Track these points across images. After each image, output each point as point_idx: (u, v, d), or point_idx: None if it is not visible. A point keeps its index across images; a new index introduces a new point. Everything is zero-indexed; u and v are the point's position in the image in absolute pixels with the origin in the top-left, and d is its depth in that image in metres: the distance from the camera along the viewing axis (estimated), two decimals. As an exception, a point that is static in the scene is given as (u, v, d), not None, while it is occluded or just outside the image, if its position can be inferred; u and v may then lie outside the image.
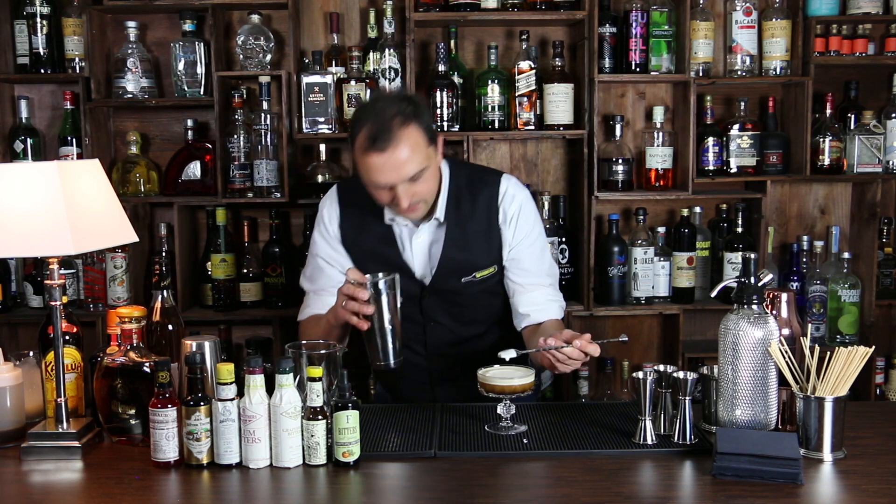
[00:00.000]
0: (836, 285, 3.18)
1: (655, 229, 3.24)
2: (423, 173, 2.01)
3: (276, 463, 1.71)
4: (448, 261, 2.16)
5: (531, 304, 2.19)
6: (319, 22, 3.28)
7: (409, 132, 1.97)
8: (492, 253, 2.19)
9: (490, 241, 2.19)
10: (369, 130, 1.97)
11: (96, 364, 1.88)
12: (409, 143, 1.97)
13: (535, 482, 1.64)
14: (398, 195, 2.00)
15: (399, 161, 1.96)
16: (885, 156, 3.19)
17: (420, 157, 1.99)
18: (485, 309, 2.26)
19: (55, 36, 3.14)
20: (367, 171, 2.00)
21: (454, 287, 2.19)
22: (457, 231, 2.16)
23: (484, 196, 2.18)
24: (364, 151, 1.98)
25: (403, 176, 1.98)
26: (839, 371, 1.72)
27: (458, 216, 2.17)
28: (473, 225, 2.17)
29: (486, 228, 2.18)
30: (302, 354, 1.82)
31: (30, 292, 3.20)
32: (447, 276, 2.17)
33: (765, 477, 1.61)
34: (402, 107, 2.00)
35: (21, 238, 1.72)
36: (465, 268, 2.18)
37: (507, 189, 2.20)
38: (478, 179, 2.22)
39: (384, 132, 1.95)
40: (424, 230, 2.17)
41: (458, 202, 2.17)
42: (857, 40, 3.19)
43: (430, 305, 2.20)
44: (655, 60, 3.15)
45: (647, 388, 1.78)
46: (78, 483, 1.71)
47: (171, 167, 3.21)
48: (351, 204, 2.22)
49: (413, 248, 2.18)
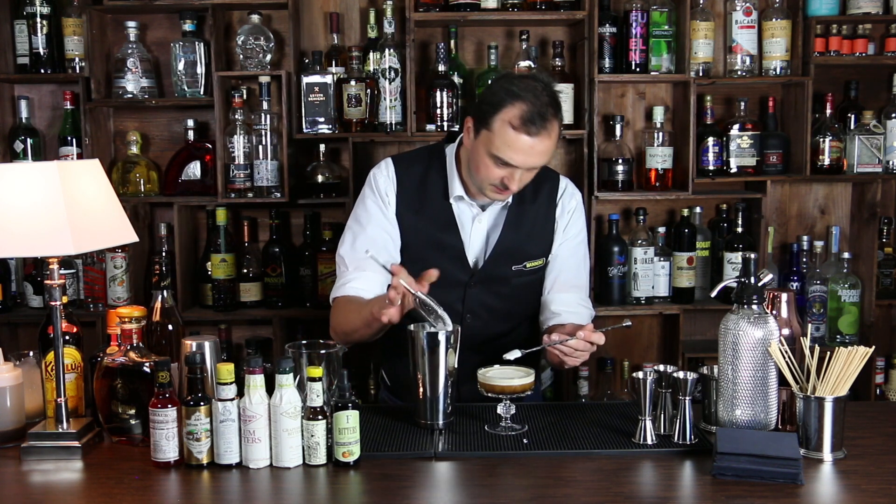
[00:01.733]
0: (836, 285, 3.18)
1: (655, 229, 3.24)
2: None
3: (276, 463, 1.71)
4: (504, 244, 2.15)
5: (563, 304, 2.18)
6: (319, 22, 3.28)
7: (556, 125, 1.99)
8: (545, 243, 2.20)
9: (545, 231, 2.20)
10: (525, 109, 1.94)
11: (96, 364, 1.88)
12: (554, 135, 1.99)
13: (535, 482, 1.64)
14: (515, 178, 2.01)
15: (542, 149, 1.98)
16: (885, 156, 3.19)
17: (552, 150, 2.02)
18: (523, 305, 2.24)
19: (55, 36, 3.14)
20: (505, 147, 1.96)
21: (503, 275, 2.16)
22: (517, 216, 2.17)
23: (546, 188, 2.21)
24: (513, 128, 1.95)
25: (538, 163, 2.01)
26: (839, 371, 1.72)
27: (520, 202, 2.18)
28: (533, 213, 2.19)
29: (544, 218, 2.20)
30: (302, 354, 1.82)
31: (30, 292, 3.20)
32: (500, 262, 2.16)
33: (765, 477, 1.61)
34: (553, 95, 1.99)
35: (21, 238, 1.72)
36: (518, 254, 2.17)
37: (567, 186, 2.25)
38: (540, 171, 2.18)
39: (541, 118, 1.94)
40: (487, 214, 2.17)
41: (523, 189, 2.14)
42: (857, 40, 3.19)
43: (473, 295, 2.16)
44: (655, 60, 3.15)
45: (647, 388, 1.78)
46: (78, 483, 1.71)
47: (171, 167, 3.21)
48: (409, 179, 2.18)
49: (472, 232, 2.16)
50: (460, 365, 2.12)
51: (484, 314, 2.18)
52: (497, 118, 1.97)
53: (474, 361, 2.10)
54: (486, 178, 2.04)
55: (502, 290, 2.18)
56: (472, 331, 2.16)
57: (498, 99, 1.98)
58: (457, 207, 2.16)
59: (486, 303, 2.18)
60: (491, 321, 2.19)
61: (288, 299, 3.21)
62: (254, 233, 3.27)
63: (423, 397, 1.87)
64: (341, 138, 3.15)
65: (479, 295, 2.17)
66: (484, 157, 2.01)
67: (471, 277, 2.16)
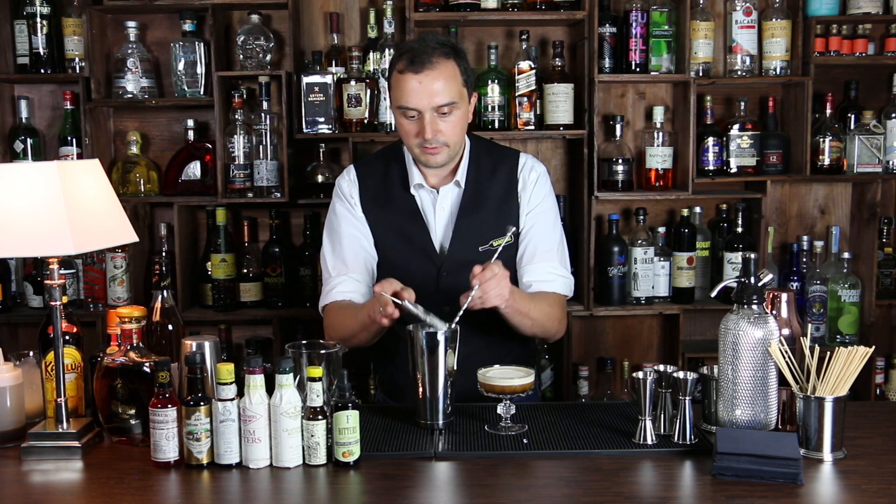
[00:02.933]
0: (836, 285, 3.18)
1: (655, 229, 3.24)
2: (454, 111, 2.06)
3: (276, 463, 1.71)
4: (464, 226, 2.16)
5: (534, 274, 2.19)
6: (319, 22, 3.28)
7: (448, 64, 2.05)
8: (509, 220, 2.18)
9: (508, 207, 2.19)
10: (409, 54, 2.05)
11: (96, 364, 1.88)
12: (445, 72, 2.04)
13: (535, 482, 1.64)
14: (424, 124, 2.04)
15: (432, 86, 2.02)
16: (885, 156, 3.19)
17: (453, 90, 2.05)
18: None
19: (55, 36, 3.14)
20: (400, 93, 2.05)
21: (471, 258, 2.12)
22: (475, 196, 2.18)
23: (505, 166, 2.22)
24: (400, 73, 2.05)
25: (434, 102, 2.03)
26: (839, 371, 1.72)
27: (477, 181, 2.19)
28: (492, 191, 2.19)
29: (505, 195, 2.20)
30: (302, 354, 1.82)
31: (30, 292, 3.20)
32: (464, 245, 2.16)
33: (765, 477, 1.61)
34: (446, 43, 2.09)
35: (21, 238, 1.72)
36: (481, 235, 2.16)
37: (527, 161, 2.26)
38: (498, 151, 2.28)
39: (423, 55, 2.03)
40: (447, 196, 2.18)
41: (478, 169, 2.19)
42: (857, 40, 3.19)
43: (448, 284, 2.14)
44: (655, 60, 3.15)
45: (647, 388, 1.78)
46: (78, 483, 1.71)
47: (171, 167, 3.21)
48: (370, 178, 2.24)
49: (436, 217, 2.18)
50: None
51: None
52: (392, 74, 2.09)
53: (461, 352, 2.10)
54: (408, 140, 2.11)
55: None
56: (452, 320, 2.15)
57: (392, 60, 2.11)
58: (418, 196, 2.20)
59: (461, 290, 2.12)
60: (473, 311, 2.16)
61: (288, 299, 3.21)
62: (254, 233, 3.28)
63: (422, 397, 1.88)
64: (341, 138, 3.15)
65: (452, 284, 2.13)
66: (397, 118, 2.10)
67: (441, 265, 2.17)
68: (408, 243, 2.17)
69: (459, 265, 2.13)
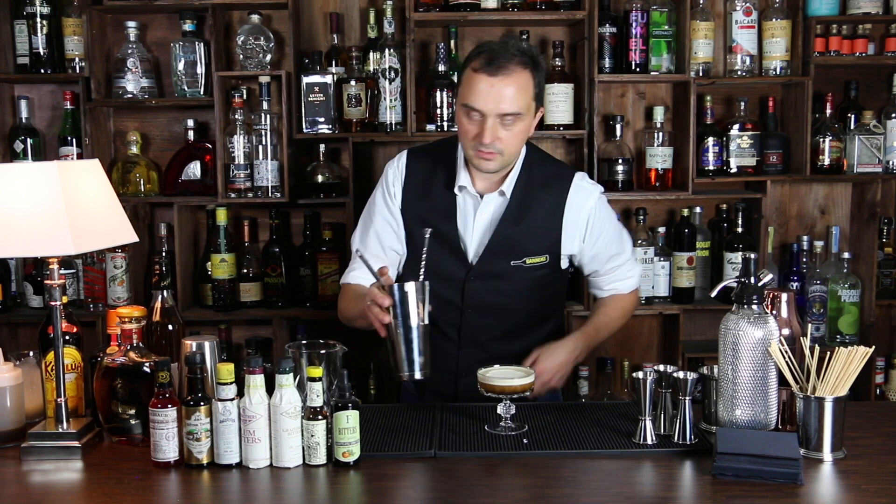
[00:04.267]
0: (836, 285, 3.18)
1: (655, 229, 3.24)
2: (517, 121, 2.02)
3: (276, 463, 1.71)
4: (502, 237, 2.14)
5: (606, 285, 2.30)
6: (319, 22, 3.28)
7: (523, 74, 2.00)
8: (549, 240, 2.17)
9: (549, 229, 2.17)
10: (489, 54, 1.99)
11: (96, 364, 1.88)
12: (519, 81, 1.99)
13: (535, 482, 1.64)
14: (485, 128, 2.00)
15: (502, 92, 1.98)
16: (885, 156, 3.19)
17: (522, 101, 2.01)
18: (529, 305, 2.21)
19: (55, 36, 3.14)
20: (469, 91, 2.01)
21: (502, 270, 2.14)
22: (518, 209, 2.14)
23: (556, 182, 2.18)
24: (474, 71, 2.00)
25: (501, 108, 1.99)
26: (839, 371, 1.72)
27: (523, 195, 2.15)
28: (537, 208, 2.16)
29: (549, 214, 2.16)
30: (302, 354, 1.82)
31: (30, 292, 3.20)
32: (497, 255, 2.14)
33: (765, 477, 1.61)
34: (527, 52, 2.03)
35: (21, 238, 1.72)
36: (517, 249, 2.15)
37: (581, 182, 2.20)
38: (552, 166, 2.23)
39: (502, 58, 1.98)
40: (490, 203, 2.15)
41: (529, 182, 2.15)
42: (857, 40, 3.19)
43: (474, 288, 2.15)
44: (655, 60, 3.15)
45: (647, 388, 1.78)
46: (78, 483, 1.71)
47: (171, 167, 3.21)
48: (419, 170, 2.21)
49: (475, 223, 2.15)
50: (461, 359, 2.13)
51: (486, 310, 2.17)
52: (466, 70, 2.04)
53: (476, 357, 2.12)
54: (464, 139, 2.07)
55: (501, 285, 2.16)
56: (473, 326, 2.17)
57: (470, 55, 2.06)
58: (461, 198, 2.16)
59: (485, 298, 2.17)
60: (495, 319, 2.19)
61: (288, 299, 3.21)
62: (254, 233, 3.27)
63: (396, 349, 1.88)
64: (341, 138, 3.15)
65: (479, 289, 2.16)
66: (459, 115, 2.06)
67: (468, 271, 2.16)
68: (439, 243, 2.12)
69: (488, 274, 2.15)
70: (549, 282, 2.22)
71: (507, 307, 2.19)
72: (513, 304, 2.19)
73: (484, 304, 2.17)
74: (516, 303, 2.20)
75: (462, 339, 2.19)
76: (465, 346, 2.19)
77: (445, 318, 2.15)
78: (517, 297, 2.19)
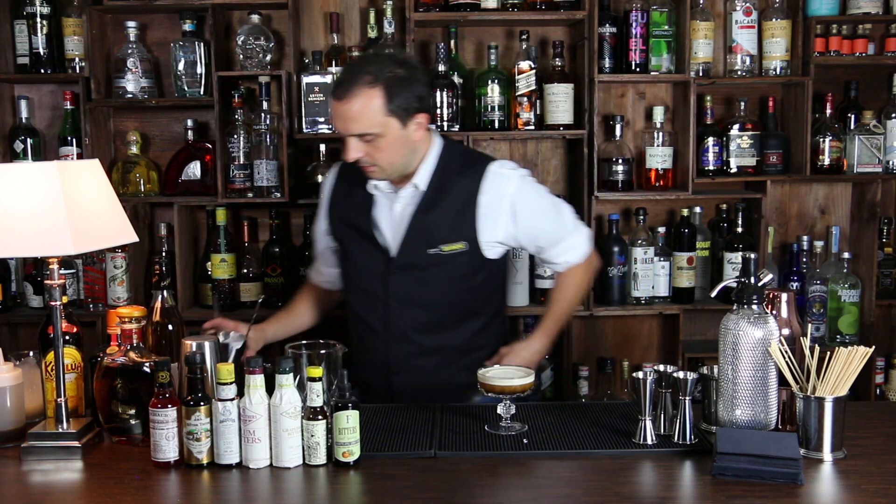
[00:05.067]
0: (836, 285, 3.18)
1: (655, 229, 3.24)
2: (376, 138, 2.07)
3: (276, 463, 1.71)
4: (416, 227, 2.16)
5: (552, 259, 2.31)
6: (319, 22, 3.28)
7: (370, 95, 2.03)
8: (462, 228, 2.17)
9: (463, 216, 2.17)
10: (338, 79, 2.10)
11: (96, 364, 1.88)
12: (362, 103, 2.04)
13: (535, 482, 1.64)
14: (349, 146, 2.09)
15: (347, 114, 2.05)
16: (885, 156, 3.19)
17: (370, 120, 2.04)
18: (452, 295, 2.21)
19: (55, 36, 3.14)
20: (332, 114, 2.12)
21: (420, 260, 2.16)
22: (431, 198, 2.17)
23: (469, 171, 2.20)
24: (331, 95, 2.10)
25: (350, 129, 2.06)
26: (839, 371, 1.72)
27: (438, 185, 2.18)
28: (450, 197, 2.18)
29: (462, 204, 2.17)
30: (302, 354, 1.82)
31: (30, 292, 3.20)
32: (414, 245, 2.16)
33: (765, 477, 1.61)
34: (385, 70, 2.04)
35: (21, 238, 1.72)
36: (432, 237, 2.16)
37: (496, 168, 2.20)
38: (469, 157, 2.29)
39: (346, 83, 2.05)
40: (404, 198, 2.19)
41: (444, 173, 2.18)
42: (857, 40, 3.19)
43: (396, 281, 2.18)
44: (655, 60, 3.15)
45: (647, 388, 1.78)
46: (78, 483, 1.72)
47: (171, 167, 3.21)
48: (347, 176, 2.30)
49: (392, 216, 2.19)
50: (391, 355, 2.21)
51: (407, 302, 2.20)
52: None
53: (406, 351, 2.19)
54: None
55: (422, 276, 2.18)
56: (399, 319, 2.20)
57: None
58: (378, 196, 2.22)
59: (408, 290, 2.19)
60: (420, 312, 2.20)
61: (288, 299, 3.19)
62: (254, 233, 3.27)
63: None
64: (341, 138, 3.13)
65: (401, 282, 2.19)
66: None
67: (388, 264, 2.18)
68: (360, 238, 2.23)
69: (408, 265, 2.18)
70: (472, 272, 2.21)
71: (431, 299, 2.20)
72: (435, 295, 2.20)
73: (407, 296, 2.19)
74: (439, 294, 2.20)
75: (389, 332, 2.21)
76: (393, 341, 2.21)
77: (372, 313, 2.21)
78: (439, 288, 2.20)
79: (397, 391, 2.21)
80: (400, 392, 2.20)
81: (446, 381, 2.21)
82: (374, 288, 2.20)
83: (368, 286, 2.21)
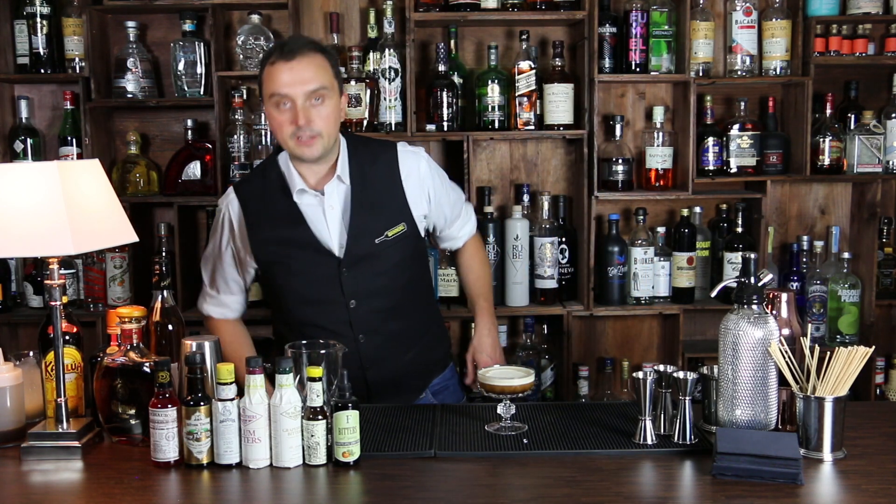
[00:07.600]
0: (836, 285, 3.18)
1: (655, 229, 3.24)
2: (325, 99, 2.07)
3: (276, 463, 1.71)
4: (358, 223, 2.16)
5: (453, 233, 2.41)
6: (319, 22, 3.28)
7: (317, 56, 2.09)
8: (398, 210, 2.20)
9: (395, 198, 2.20)
10: (281, 47, 2.09)
11: (96, 364, 1.88)
12: (315, 61, 2.08)
13: (535, 482, 1.64)
14: (297, 111, 2.05)
15: (303, 73, 2.05)
16: (885, 156, 3.19)
17: (324, 77, 2.08)
18: (403, 274, 2.23)
19: (55, 36, 3.14)
20: (272, 83, 2.07)
21: (369, 251, 2.16)
22: (360, 191, 2.18)
23: (383, 158, 2.22)
24: (272, 65, 2.07)
25: (306, 87, 2.05)
26: (839, 371, 1.72)
27: (360, 177, 2.19)
28: (378, 185, 2.20)
29: (390, 187, 2.20)
30: (302, 354, 1.82)
31: (30, 292, 3.20)
32: (360, 240, 2.16)
33: (765, 477, 1.61)
34: (315, 41, 2.16)
35: (21, 238, 1.72)
36: (376, 228, 2.17)
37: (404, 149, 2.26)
38: (373, 144, 2.30)
39: (294, 44, 2.08)
40: (333, 195, 2.16)
41: (359, 163, 2.19)
42: (857, 40, 3.19)
43: (350, 279, 2.16)
44: (655, 60, 3.15)
45: (647, 388, 1.78)
46: (78, 483, 1.71)
47: (171, 167, 3.21)
48: (252, 197, 2.23)
49: (327, 218, 2.17)
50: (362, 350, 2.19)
51: (366, 294, 2.19)
52: (264, 69, 2.10)
53: (376, 343, 2.19)
54: (281, 133, 2.11)
55: (375, 265, 2.18)
56: (362, 315, 2.19)
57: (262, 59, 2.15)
58: (302, 202, 2.18)
59: (364, 284, 2.18)
60: (380, 302, 2.20)
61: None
62: (254, 233, 3.27)
63: None
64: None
65: (355, 278, 2.17)
66: (269, 111, 2.11)
67: (339, 264, 2.17)
68: (301, 249, 2.16)
69: (358, 261, 2.18)
70: (412, 251, 2.26)
71: (388, 285, 2.21)
72: (391, 280, 2.21)
73: (364, 289, 2.18)
74: (394, 278, 2.22)
75: (355, 330, 2.19)
76: (360, 337, 2.20)
77: (332, 318, 2.17)
78: (393, 273, 2.21)
79: (374, 385, 2.20)
80: (377, 385, 2.20)
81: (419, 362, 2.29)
82: (328, 293, 2.16)
83: (321, 294, 2.16)
